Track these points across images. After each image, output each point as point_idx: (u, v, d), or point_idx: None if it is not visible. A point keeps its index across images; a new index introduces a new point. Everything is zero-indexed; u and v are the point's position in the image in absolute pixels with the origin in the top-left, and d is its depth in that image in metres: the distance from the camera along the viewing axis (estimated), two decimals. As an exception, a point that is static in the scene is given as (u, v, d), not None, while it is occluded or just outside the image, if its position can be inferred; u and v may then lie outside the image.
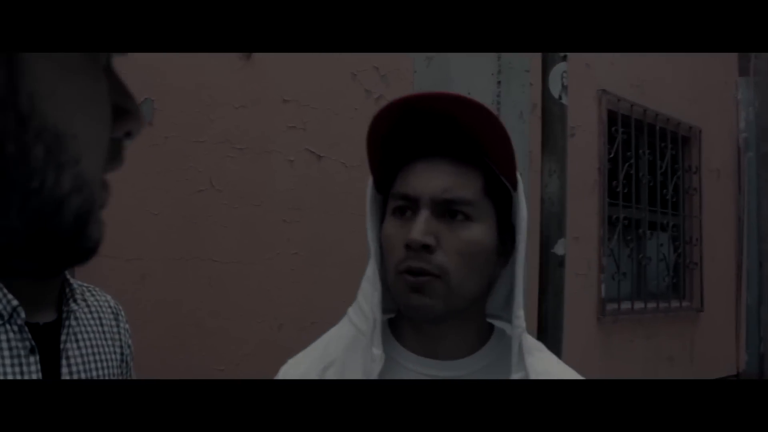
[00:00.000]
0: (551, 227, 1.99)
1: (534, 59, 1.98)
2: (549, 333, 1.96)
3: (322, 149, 2.82)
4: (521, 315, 0.92)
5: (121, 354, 0.91)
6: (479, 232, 0.90)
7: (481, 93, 1.83)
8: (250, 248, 2.61)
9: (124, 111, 0.43)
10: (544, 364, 0.95)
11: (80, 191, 0.40)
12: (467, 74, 1.76)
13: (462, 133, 0.90)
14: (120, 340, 0.94)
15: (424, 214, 0.89)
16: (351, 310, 1.01)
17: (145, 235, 2.36)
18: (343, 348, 0.98)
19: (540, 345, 1.00)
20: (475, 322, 0.96)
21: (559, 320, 1.99)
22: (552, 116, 1.99)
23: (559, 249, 1.98)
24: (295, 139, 2.72)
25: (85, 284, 0.95)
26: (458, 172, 0.90)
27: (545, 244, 1.99)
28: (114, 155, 0.43)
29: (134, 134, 0.44)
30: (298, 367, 1.01)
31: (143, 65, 2.19)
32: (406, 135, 0.92)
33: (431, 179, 0.90)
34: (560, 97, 1.99)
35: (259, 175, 2.61)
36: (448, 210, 0.89)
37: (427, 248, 0.87)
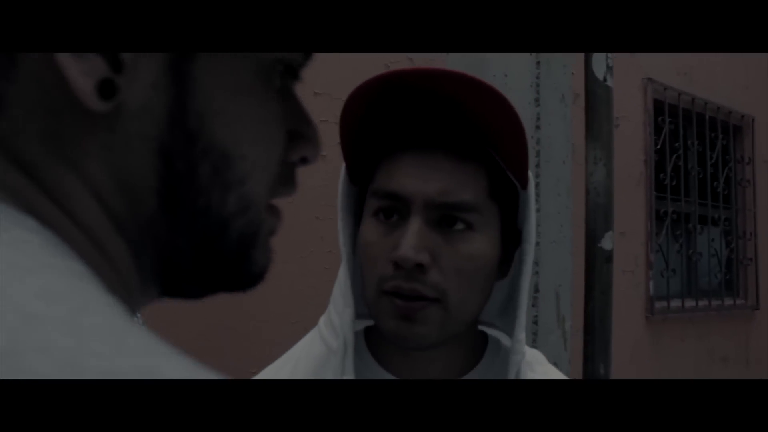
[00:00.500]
0: (597, 220, 1.86)
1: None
2: (596, 333, 1.84)
3: None
4: (522, 338, 0.78)
5: None
6: (482, 243, 0.75)
7: (519, 76, 1.71)
8: (283, 247, 2.38)
9: (299, 135, 0.44)
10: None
11: (245, 213, 0.40)
12: (503, 55, 1.65)
13: (463, 120, 0.74)
14: None
15: (416, 223, 0.72)
16: (322, 321, 0.86)
17: None
18: (312, 371, 0.83)
19: (539, 356, 0.88)
20: (469, 341, 0.82)
21: (607, 319, 1.86)
22: (596, 99, 1.87)
23: (606, 243, 1.84)
24: (327, 133, 2.51)
25: None
26: (458, 170, 0.74)
27: (591, 239, 1.86)
28: (286, 180, 0.44)
29: (311, 160, 0.45)
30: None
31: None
32: (392, 118, 0.76)
33: (426, 178, 0.73)
34: (605, 79, 1.86)
35: None
36: (445, 217, 0.73)
37: (420, 267, 0.71)
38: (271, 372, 0.91)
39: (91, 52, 0.34)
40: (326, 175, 2.60)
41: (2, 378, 0.25)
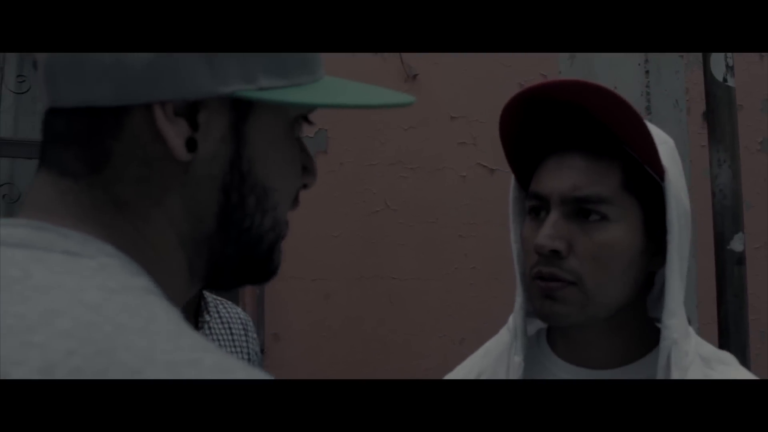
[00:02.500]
0: (725, 222, 1.95)
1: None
2: (731, 337, 1.93)
3: (494, 162, 2.69)
4: (671, 324, 0.83)
5: (249, 361, 1.02)
6: (618, 233, 0.83)
7: (629, 85, 2.02)
8: (428, 265, 2.67)
9: (305, 169, 0.58)
10: (720, 377, 0.86)
11: (274, 229, 0.56)
12: (612, 69, 2.05)
13: (593, 123, 0.85)
14: (248, 348, 1.07)
15: (553, 216, 0.84)
16: (510, 316, 0.97)
17: (327, 256, 2.44)
18: (496, 356, 0.95)
19: (725, 356, 0.91)
20: (631, 329, 0.88)
21: (743, 323, 1.92)
22: (717, 101, 1.94)
23: (736, 245, 1.92)
24: (465, 154, 2.74)
25: (219, 298, 1.09)
26: (591, 167, 0.84)
27: (720, 241, 1.99)
28: (294, 201, 0.58)
29: (309, 186, 0.59)
30: (455, 377, 1.02)
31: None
32: (536, 128, 0.89)
33: (561, 176, 0.85)
34: (725, 80, 1.93)
35: (432, 192, 2.72)
36: (580, 210, 0.84)
37: (557, 254, 0.82)
38: (468, 361, 1.03)
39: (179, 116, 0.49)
40: (467, 194, 2.70)
41: (103, 368, 0.39)
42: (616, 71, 1.72)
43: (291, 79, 0.53)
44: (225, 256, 0.55)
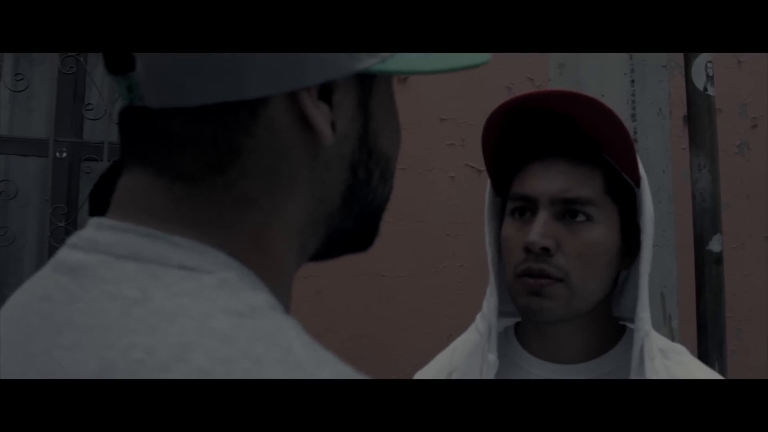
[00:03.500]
0: (704, 224, 2.04)
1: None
2: (709, 334, 2.01)
3: (482, 163, 2.32)
4: (645, 317, 0.88)
5: None
6: (601, 233, 0.88)
7: (615, 94, 2.11)
8: (417, 263, 2.70)
9: None
10: (679, 370, 0.91)
11: (388, 199, 0.54)
12: (599, 77, 2.15)
13: (578, 131, 0.88)
14: None
15: (543, 216, 0.87)
16: (478, 316, 1.00)
17: None
18: (467, 354, 0.98)
19: (678, 347, 0.96)
20: (600, 325, 0.93)
21: (720, 320, 2.00)
22: (698, 109, 2.02)
23: (714, 246, 2.00)
24: (454, 155, 2.74)
25: None
26: (577, 172, 0.88)
27: (699, 242, 2.07)
28: None
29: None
30: (425, 375, 1.04)
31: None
32: (522, 135, 0.92)
33: (550, 179, 0.88)
34: (705, 89, 2.01)
35: (421, 192, 2.72)
36: (568, 210, 0.88)
37: (546, 251, 0.86)
38: (436, 360, 1.06)
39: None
40: (455, 194, 2.68)
41: (221, 378, 0.37)
42: (603, 80, 1.80)
43: (381, 55, 0.51)
44: (343, 230, 0.53)
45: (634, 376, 0.87)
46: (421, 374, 1.06)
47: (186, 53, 0.45)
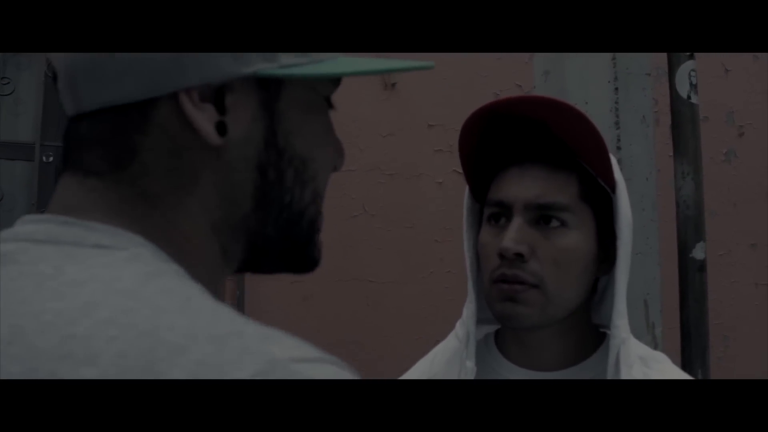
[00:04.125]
0: (688, 231, 2.05)
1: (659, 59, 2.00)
2: (693, 341, 2.01)
3: None
4: (621, 324, 0.88)
5: None
6: (576, 238, 0.88)
7: (599, 102, 2.07)
8: (405, 268, 2.72)
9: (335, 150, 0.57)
10: (657, 376, 0.90)
11: (314, 202, 0.55)
12: (583, 85, 2.15)
13: (553, 137, 0.88)
14: None
15: (517, 222, 0.87)
16: (458, 323, 0.99)
17: None
18: (446, 361, 0.97)
19: (659, 355, 0.95)
20: (578, 332, 0.93)
21: (703, 327, 2.01)
22: (681, 117, 2.03)
23: (698, 253, 2.01)
24: (442, 162, 2.76)
25: None
26: (551, 177, 0.88)
27: (683, 250, 2.08)
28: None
29: (339, 168, 0.59)
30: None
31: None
32: (498, 141, 0.91)
33: (524, 185, 0.88)
34: (689, 97, 2.02)
35: (409, 198, 2.76)
36: (542, 216, 0.88)
37: (520, 257, 0.86)
38: (416, 367, 1.05)
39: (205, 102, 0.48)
40: (443, 200, 2.69)
41: (146, 349, 0.38)
42: (587, 87, 1.82)
43: (311, 57, 0.52)
44: (264, 237, 0.54)
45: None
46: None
47: (81, 59, 0.49)
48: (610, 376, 0.87)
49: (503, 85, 2.75)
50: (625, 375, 0.86)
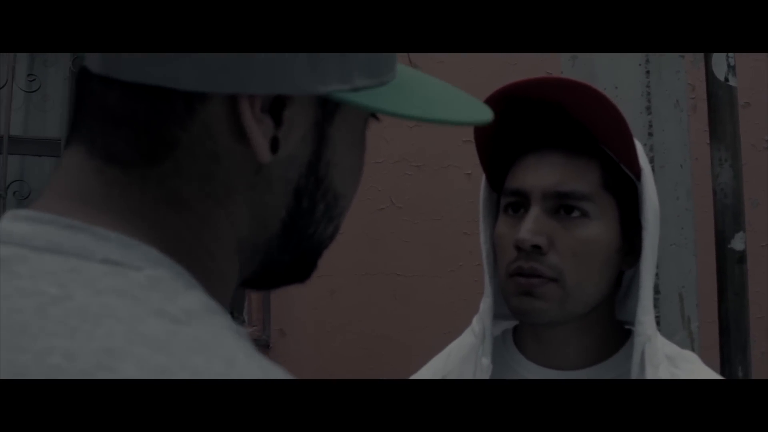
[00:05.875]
0: (726, 221, 1.96)
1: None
2: (732, 336, 1.94)
3: None
4: (646, 321, 0.84)
5: None
6: (598, 229, 0.84)
7: (629, 86, 1.99)
8: (433, 262, 2.67)
9: None
10: (686, 377, 0.86)
11: (332, 237, 0.51)
12: (612, 69, 2.07)
13: (571, 120, 0.84)
14: None
15: (534, 212, 0.83)
16: (475, 318, 0.96)
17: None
18: (461, 358, 0.94)
19: (689, 355, 0.91)
20: (601, 328, 0.88)
21: (744, 322, 1.93)
22: (718, 101, 1.96)
23: (737, 244, 1.93)
24: (470, 152, 2.22)
25: None
26: (571, 164, 0.84)
27: (721, 240, 2.01)
28: None
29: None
30: (420, 377, 1.00)
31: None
32: (514, 127, 0.87)
33: (542, 173, 0.84)
34: (727, 79, 1.94)
35: (437, 190, 2.71)
36: (562, 206, 0.84)
37: (538, 249, 0.82)
38: (431, 364, 1.02)
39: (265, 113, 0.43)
40: (472, 192, 2.49)
41: (174, 375, 0.34)
42: (616, 71, 1.75)
43: (380, 77, 0.48)
44: (278, 261, 0.50)
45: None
46: (415, 378, 1.01)
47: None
48: (634, 376, 0.82)
49: (533, 73, 2.60)
50: (651, 375, 0.81)
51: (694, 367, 0.88)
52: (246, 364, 0.38)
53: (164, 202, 0.43)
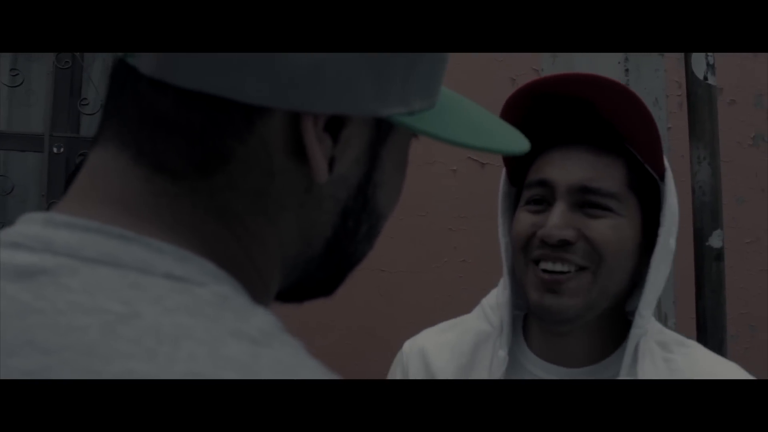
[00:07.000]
0: (704, 219, 1.98)
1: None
2: (709, 333, 1.95)
3: (485, 157, 2.67)
4: (646, 314, 0.84)
5: None
6: (621, 227, 0.83)
7: None
8: (418, 258, 2.64)
9: None
10: (684, 361, 0.86)
11: (364, 256, 0.50)
12: (592, 66, 2.11)
13: (599, 118, 0.84)
14: None
15: (560, 206, 0.82)
16: (486, 302, 0.97)
17: None
18: (474, 344, 0.93)
19: (687, 341, 0.91)
20: (611, 325, 0.88)
21: (721, 319, 1.94)
22: (697, 99, 1.97)
23: (714, 241, 1.94)
24: (456, 150, 2.17)
25: None
26: (598, 161, 0.84)
27: (698, 237, 2.02)
28: None
29: None
30: (439, 357, 0.96)
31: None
32: (540, 122, 0.86)
33: (569, 168, 0.83)
34: (706, 77, 1.95)
35: (423, 186, 2.63)
36: (587, 202, 0.83)
37: (565, 243, 0.81)
38: (442, 334, 1.00)
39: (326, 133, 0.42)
40: (457, 188, 2.64)
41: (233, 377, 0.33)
42: (595, 69, 1.75)
43: (431, 99, 0.48)
44: (314, 278, 0.49)
45: (623, 376, 0.82)
46: (434, 351, 0.98)
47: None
48: (624, 369, 0.83)
49: (519, 70, 2.68)
50: (641, 367, 0.82)
51: (690, 351, 0.89)
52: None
53: (215, 216, 0.42)
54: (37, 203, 2.41)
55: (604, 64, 1.94)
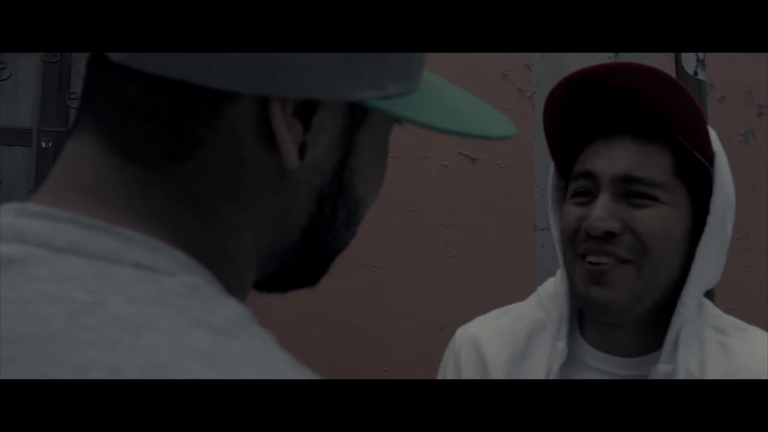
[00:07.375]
0: None
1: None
2: None
3: (476, 152, 2.71)
4: (689, 302, 0.83)
5: None
6: (669, 216, 0.83)
7: None
8: (409, 253, 2.66)
9: None
10: (742, 344, 0.86)
11: (347, 244, 0.49)
12: (582, 61, 2.15)
13: (644, 106, 0.83)
14: None
15: (605, 197, 0.82)
16: (543, 290, 0.96)
17: None
18: (530, 333, 0.93)
19: (748, 326, 0.90)
20: (663, 318, 0.86)
21: None
22: None
23: None
24: (447, 144, 2.68)
25: None
26: (643, 150, 0.83)
27: None
28: None
29: None
30: (491, 343, 0.95)
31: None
32: (584, 112, 0.87)
33: (612, 158, 0.83)
34: (696, 73, 1.96)
35: (414, 181, 2.67)
36: (632, 192, 0.82)
37: (610, 235, 0.81)
38: (491, 317, 1.00)
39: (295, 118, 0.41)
40: (448, 183, 2.65)
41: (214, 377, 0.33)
42: (585, 62, 1.75)
43: (410, 84, 0.47)
44: (293, 268, 0.49)
45: (662, 364, 0.83)
46: (486, 338, 0.96)
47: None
48: (664, 358, 0.83)
49: (510, 65, 2.70)
50: (684, 357, 0.82)
51: (748, 335, 0.88)
52: (294, 377, 0.37)
53: (187, 205, 0.41)
54: (25, 197, 2.36)
55: (595, 61, 1.94)
